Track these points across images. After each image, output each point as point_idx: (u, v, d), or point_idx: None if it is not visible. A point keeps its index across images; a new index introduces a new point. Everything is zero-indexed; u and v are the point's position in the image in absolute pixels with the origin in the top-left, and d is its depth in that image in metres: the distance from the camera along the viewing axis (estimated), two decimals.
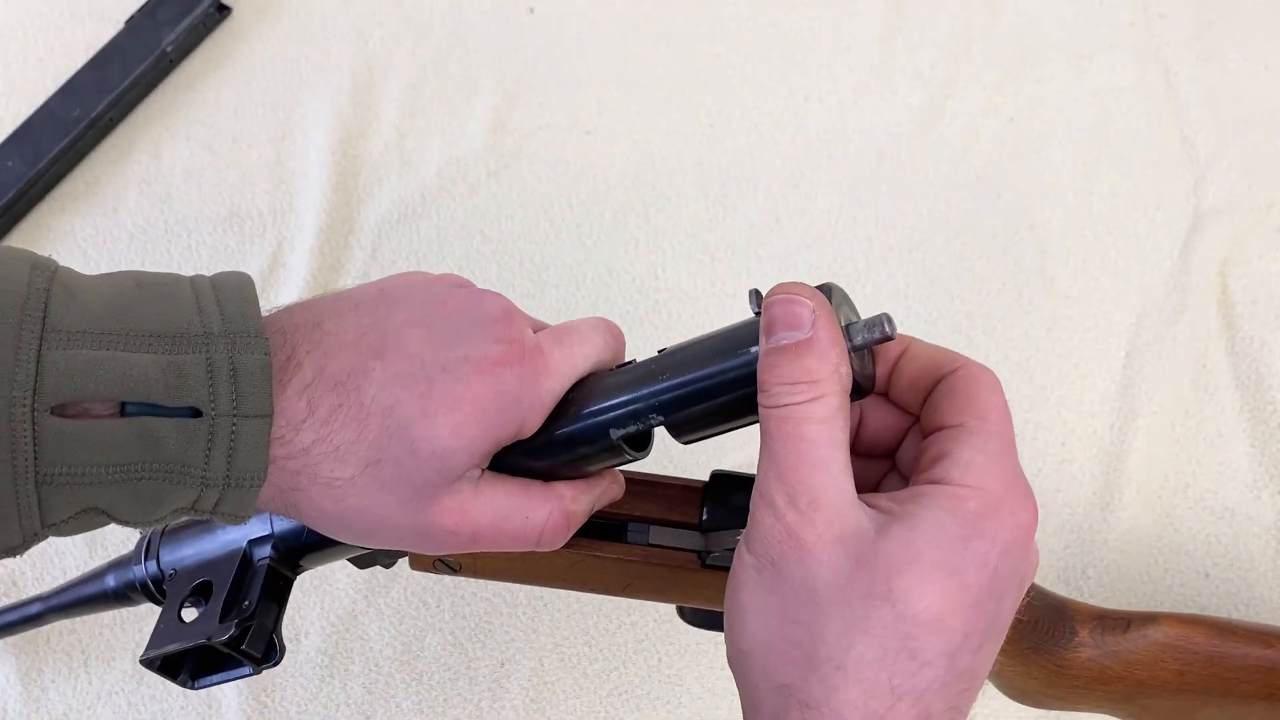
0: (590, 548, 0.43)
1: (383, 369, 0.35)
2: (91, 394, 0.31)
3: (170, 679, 0.46)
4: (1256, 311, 0.75)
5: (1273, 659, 0.49)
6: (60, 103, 0.84)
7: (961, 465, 0.32)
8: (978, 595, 0.31)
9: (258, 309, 0.35)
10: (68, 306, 0.33)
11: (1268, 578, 0.68)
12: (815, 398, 0.32)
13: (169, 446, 0.32)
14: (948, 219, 0.80)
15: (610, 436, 0.36)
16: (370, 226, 0.81)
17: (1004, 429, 0.33)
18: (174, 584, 0.48)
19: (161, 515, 0.34)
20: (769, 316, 0.33)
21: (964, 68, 0.85)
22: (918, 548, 0.30)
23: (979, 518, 0.31)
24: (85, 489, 0.32)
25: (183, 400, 0.32)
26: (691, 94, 0.85)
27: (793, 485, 0.31)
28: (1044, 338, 0.75)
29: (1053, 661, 0.49)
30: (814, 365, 0.32)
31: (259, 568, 0.46)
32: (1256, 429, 0.71)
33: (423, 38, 0.88)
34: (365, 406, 0.34)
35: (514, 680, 0.68)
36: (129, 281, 0.35)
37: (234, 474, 0.33)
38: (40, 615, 0.59)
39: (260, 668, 0.45)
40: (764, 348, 0.33)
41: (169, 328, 0.33)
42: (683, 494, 0.43)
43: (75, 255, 0.81)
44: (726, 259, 0.79)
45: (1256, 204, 0.78)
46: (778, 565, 0.31)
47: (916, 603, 0.30)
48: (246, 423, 0.33)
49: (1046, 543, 0.70)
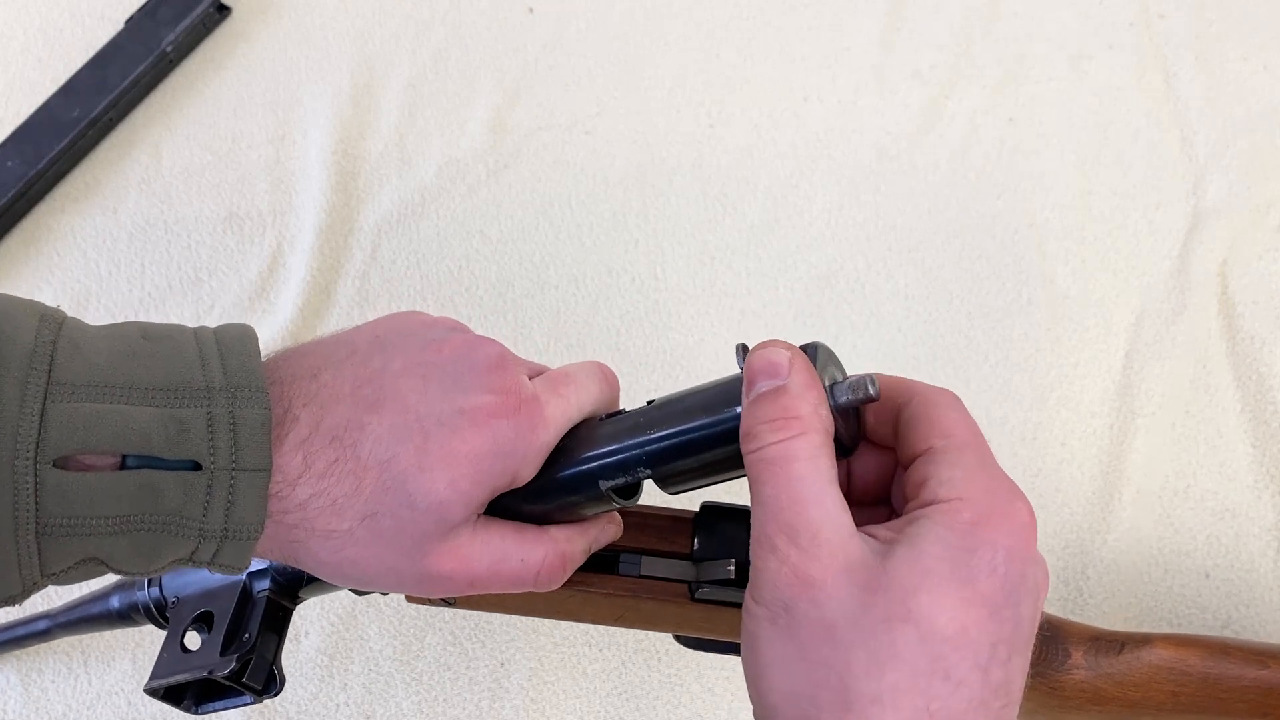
0: (582, 582, 0.43)
1: (379, 423, 0.35)
2: (94, 446, 0.32)
3: (174, 706, 0.48)
4: (1257, 311, 0.74)
5: (1268, 679, 0.49)
6: (60, 103, 0.84)
7: (945, 482, 0.32)
8: (996, 603, 0.31)
9: (259, 362, 0.36)
10: (73, 359, 0.33)
11: (1268, 578, 0.68)
12: (797, 434, 0.32)
13: (168, 498, 0.33)
14: (948, 219, 0.80)
15: (599, 487, 0.37)
16: (370, 226, 0.81)
17: (973, 440, 0.34)
18: (176, 612, 0.50)
19: (160, 566, 0.34)
20: (749, 372, 0.33)
21: (964, 68, 0.85)
22: (926, 565, 0.30)
23: (976, 526, 0.31)
24: (85, 539, 0.32)
25: (183, 453, 0.33)
26: (691, 94, 0.85)
27: (790, 524, 0.31)
28: (1044, 338, 0.75)
29: (1046, 683, 0.48)
30: (791, 404, 0.32)
31: (259, 600, 0.47)
32: (1257, 429, 0.71)
33: (423, 38, 0.88)
34: (362, 461, 0.35)
35: (514, 680, 0.68)
36: (134, 332, 0.35)
37: (231, 526, 0.34)
38: (48, 631, 0.61)
39: (261, 698, 0.46)
40: (746, 401, 0.33)
41: (171, 381, 0.34)
42: (673, 525, 0.44)
43: (75, 255, 0.81)
44: (726, 259, 0.79)
45: (1256, 204, 0.78)
46: (790, 609, 0.31)
47: (938, 618, 0.30)
48: (245, 476, 0.33)
49: (1046, 543, 0.70)
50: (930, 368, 0.75)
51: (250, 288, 0.80)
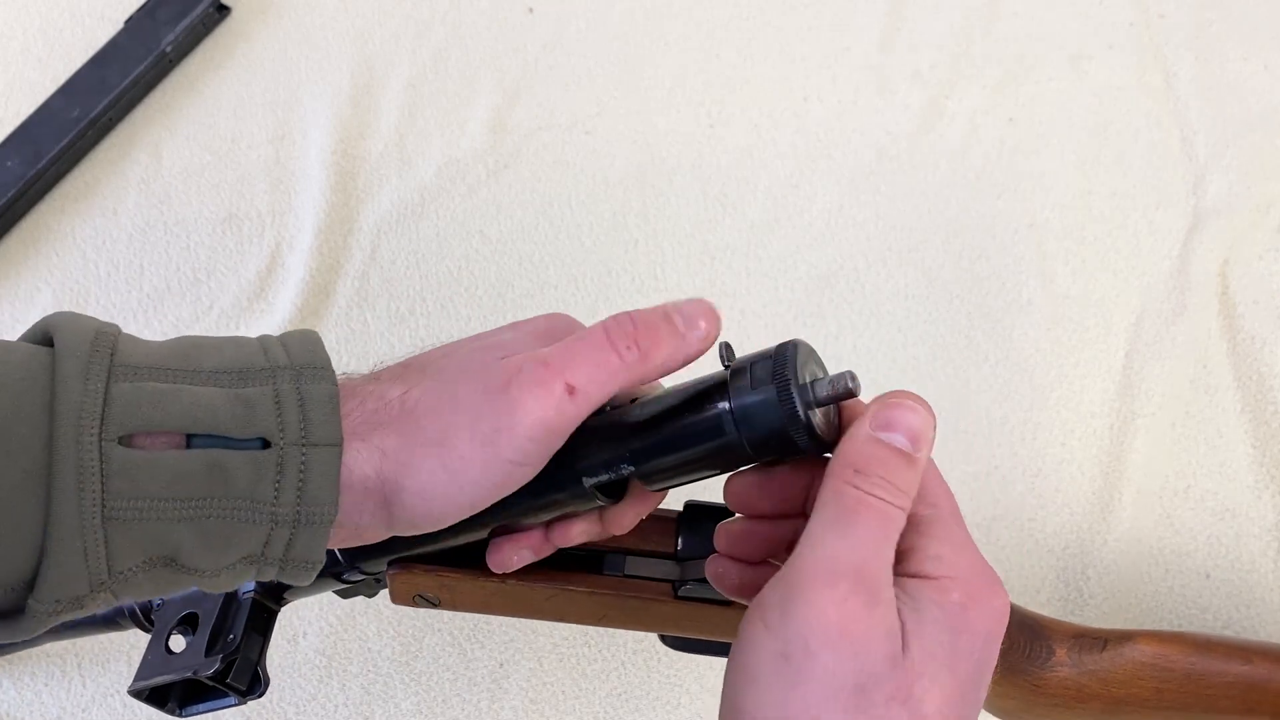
0: (566, 581, 0.44)
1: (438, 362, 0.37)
2: (159, 423, 0.31)
3: (158, 708, 0.48)
4: (1257, 311, 0.74)
5: (1250, 674, 0.49)
6: (60, 103, 0.84)
7: (934, 559, 0.32)
8: (966, 687, 0.31)
9: (323, 348, 0.35)
10: (134, 346, 0.33)
11: (1269, 579, 0.68)
12: (904, 510, 0.32)
13: (238, 479, 0.32)
14: (948, 219, 0.80)
15: (583, 484, 0.37)
16: (369, 227, 0.81)
17: (955, 511, 0.34)
18: (161, 614, 0.49)
19: (230, 561, 0.33)
20: (892, 408, 0.32)
21: (964, 68, 0.85)
22: (930, 649, 0.30)
23: (963, 609, 0.31)
24: (152, 525, 0.31)
25: (251, 431, 0.32)
26: (691, 94, 0.85)
27: (865, 570, 0.30)
28: (1044, 338, 0.75)
29: (1030, 681, 0.49)
30: (914, 481, 0.32)
31: (243, 601, 0.47)
32: (1257, 429, 0.71)
33: (423, 38, 0.88)
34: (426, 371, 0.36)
35: (513, 680, 0.68)
36: (188, 339, 0.35)
37: (304, 506, 0.33)
38: (35, 637, 0.60)
39: (245, 699, 0.46)
40: (876, 434, 0.32)
41: (235, 364, 0.33)
42: (657, 525, 0.44)
43: (74, 256, 0.81)
44: (726, 259, 0.79)
45: (1256, 204, 0.78)
46: (812, 654, 0.29)
47: (928, 705, 0.30)
48: (316, 452, 0.33)
49: (1046, 543, 0.70)
50: (930, 368, 0.75)
51: (249, 288, 0.80)
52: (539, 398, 0.34)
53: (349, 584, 0.47)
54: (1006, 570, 0.69)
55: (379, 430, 0.34)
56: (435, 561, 0.44)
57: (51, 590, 0.30)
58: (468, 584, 0.44)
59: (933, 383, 0.74)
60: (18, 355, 0.31)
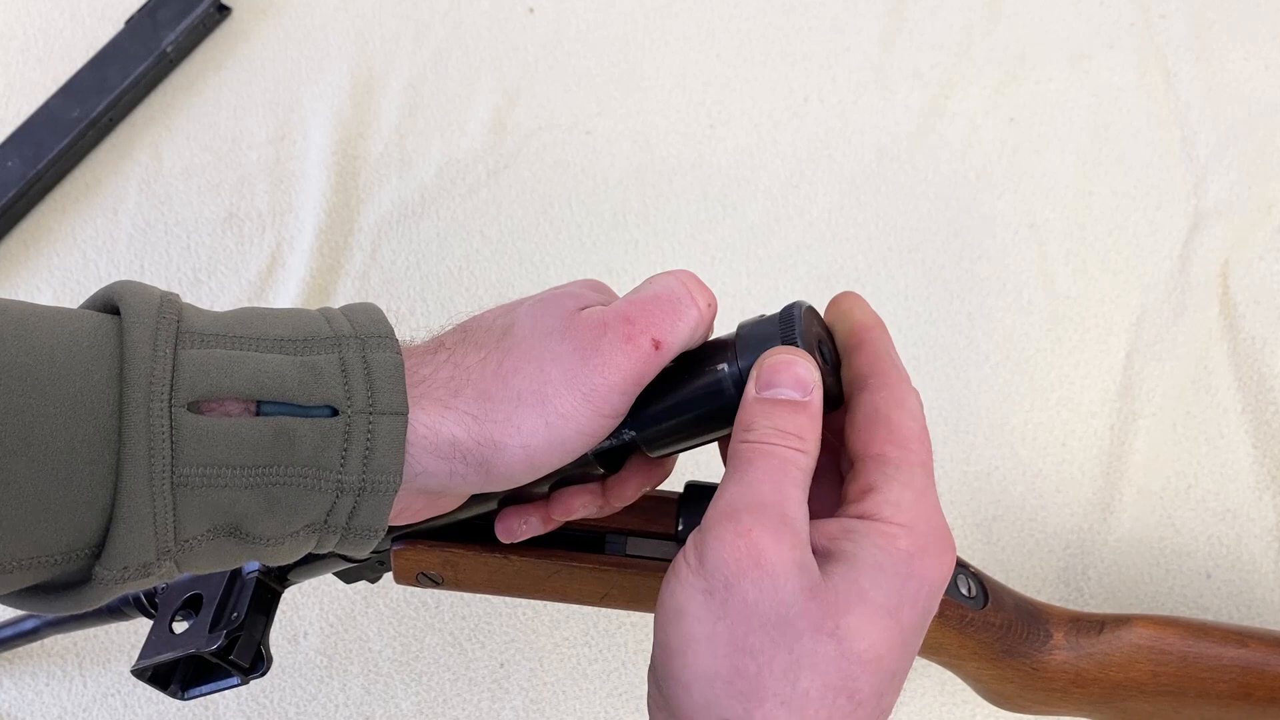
0: (567, 558, 0.44)
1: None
2: (228, 390, 0.31)
3: (161, 689, 0.47)
4: (1258, 311, 0.74)
5: (1246, 658, 0.50)
6: (60, 103, 0.84)
7: (891, 504, 0.32)
8: (909, 635, 0.31)
9: (385, 318, 0.36)
10: (199, 314, 0.33)
11: (1270, 579, 0.68)
12: (801, 450, 0.33)
13: (305, 446, 0.32)
14: (948, 219, 0.80)
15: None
16: (370, 227, 0.81)
17: (925, 459, 0.34)
18: (165, 597, 0.49)
19: (294, 529, 0.33)
20: (769, 369, 0.34)
21: (964, 68, 0.85)
22: (862, 587, 0.31)
23: (910, 557, 0.32)
24: (220, 492, 0.31)
25: (319, 398, 0.32)
26: (691, 94, 0.85)
27: (763, 503, 0.31)
28: (1044, 338, 0.75)
29: (1028, 664, 0.49)
30: (806, 425, 0.33)
31: (248, 580, 0.47)
32: (1258, 430, 0.71)
33: (423, 38, 0.88)
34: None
35: (513, 681, 0.68)
36: (249, 309, 0.35)
37: (370, 475, 0.33)
38: (36, 630, 0.60)
39: (248, 677, 0.46)
40: (760, 395, 0.34)
41: (300, 333, 0.34)
42: (658, 505, 0.45)
43: (74, 256, 0.81)
44: (726, 259, 0.79)
45: (1256, 204, 0.78)
46: (731, 587, 0.30)
47: (859, 642, 0.30)
48: (383, 420, 0.33)
49: (1047, 543, 0.70)
50: (930, 368, 0.75)
51: (250, 288, 0.80)
52: (628, 354, 0.35)
53: (353, 563, 0.47)
54: (1007, 570, 0.69)
55: (462, 395, 0.35)
56: (439, 537, 0.44)
57: (119, 557, 0.30)
58: (471, 559, 0.44)
59: (933, 383, 0.74)
60: (86, 323, 0.32)
